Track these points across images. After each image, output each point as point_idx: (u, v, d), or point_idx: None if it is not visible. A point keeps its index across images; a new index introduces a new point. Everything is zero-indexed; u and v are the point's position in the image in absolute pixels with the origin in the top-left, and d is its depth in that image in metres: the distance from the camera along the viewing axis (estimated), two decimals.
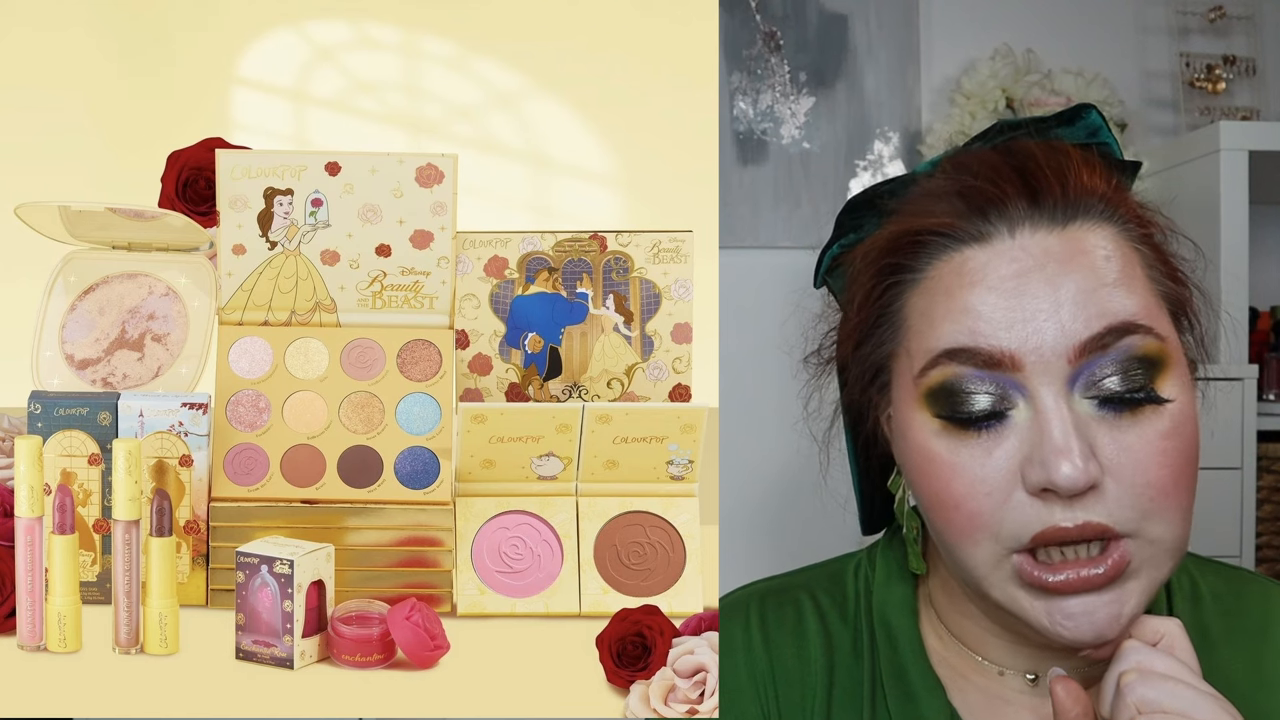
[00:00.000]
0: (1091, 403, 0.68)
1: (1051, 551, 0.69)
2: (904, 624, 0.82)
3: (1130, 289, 0.69)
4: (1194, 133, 1.88)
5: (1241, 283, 1.71)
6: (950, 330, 0.70)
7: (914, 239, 0.74)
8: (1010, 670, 0.79)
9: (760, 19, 2.05)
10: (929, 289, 0.73)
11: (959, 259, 0.71)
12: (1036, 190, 0.71)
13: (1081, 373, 0.68)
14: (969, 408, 0.69)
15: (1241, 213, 1.72)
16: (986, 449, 0.69)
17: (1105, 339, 0.68)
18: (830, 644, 0.84)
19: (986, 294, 0.69)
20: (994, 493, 0.69)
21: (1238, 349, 1.72)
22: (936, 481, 0.71)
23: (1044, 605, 0.69)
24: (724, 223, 2.02)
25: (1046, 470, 0.66)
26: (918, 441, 0.73)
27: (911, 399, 0.73)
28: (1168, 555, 0.70)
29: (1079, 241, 0.70)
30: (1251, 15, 2.06)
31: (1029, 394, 0.68)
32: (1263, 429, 1.70)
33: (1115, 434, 0.68)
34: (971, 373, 0.69)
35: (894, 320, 0.75)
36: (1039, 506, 0.68)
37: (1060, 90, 1.95)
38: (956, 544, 0.72)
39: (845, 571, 0.87)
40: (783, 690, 0.83)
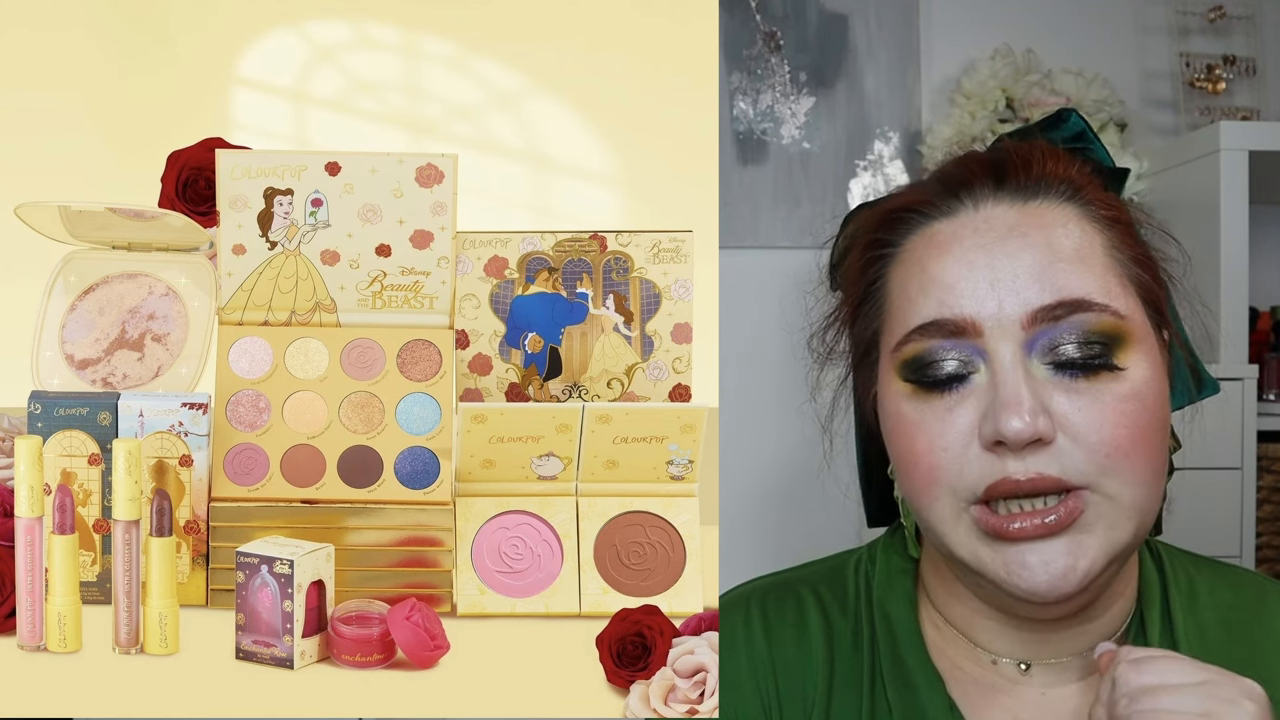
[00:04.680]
0: (1048, 368, 0.72)
1: (1009, 504, 0.72)
2: (904, 617, 0.83)
3: (1088, 266, 0.73)
4: (1194, 133, 1.88)
5: (1241, 283, 1.71)
6: (923, 305, 0.75)
7: (894, 216, 0.79)
8: (1003, 659, 0.80)
9: (760, 19, 2.05)
10: (905, 261, 0.78)
11: (929, 231, 0.77)
12: (1003, 172, 0.77)
13: (1038, 339, 0.72)
14: (934, 372, 0.74)
15: (1241, 213, 1.72)
16: (948, 408, 0.73)
17: (1057, 311, 0.72)
18: (831, 636, 0.85)
19: (953, 264, 0.74)
20: (950, 448, 0.73)
21: (1238, 349, 1.72)
22: (903, 441, 0.76)
23: (1001, 556, 0.72)
24: (724, 223, 2.02)
25: (996, 422, 0.70)
26: (891, 408, 0.77)
27: (890, 370, 0.77)
28: (1126, 516, 0.72)
29: (1039, 217, 0.75)
30: (1251, 15, 2.06)
31: (988, 357, 0.73)
32: (1263, 429, 1.70)
33: (1071, 396, 0.71)
34: (939, 343, 0.74)
35: (878, 297, 0.80)
36: (992, 460, 0.71)
37: (1060, 90, 1.94)
38: (919, 500, 0.75)
39: (846, 567, 0.89)
40: (783, 682, 0.84)
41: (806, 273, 0.88)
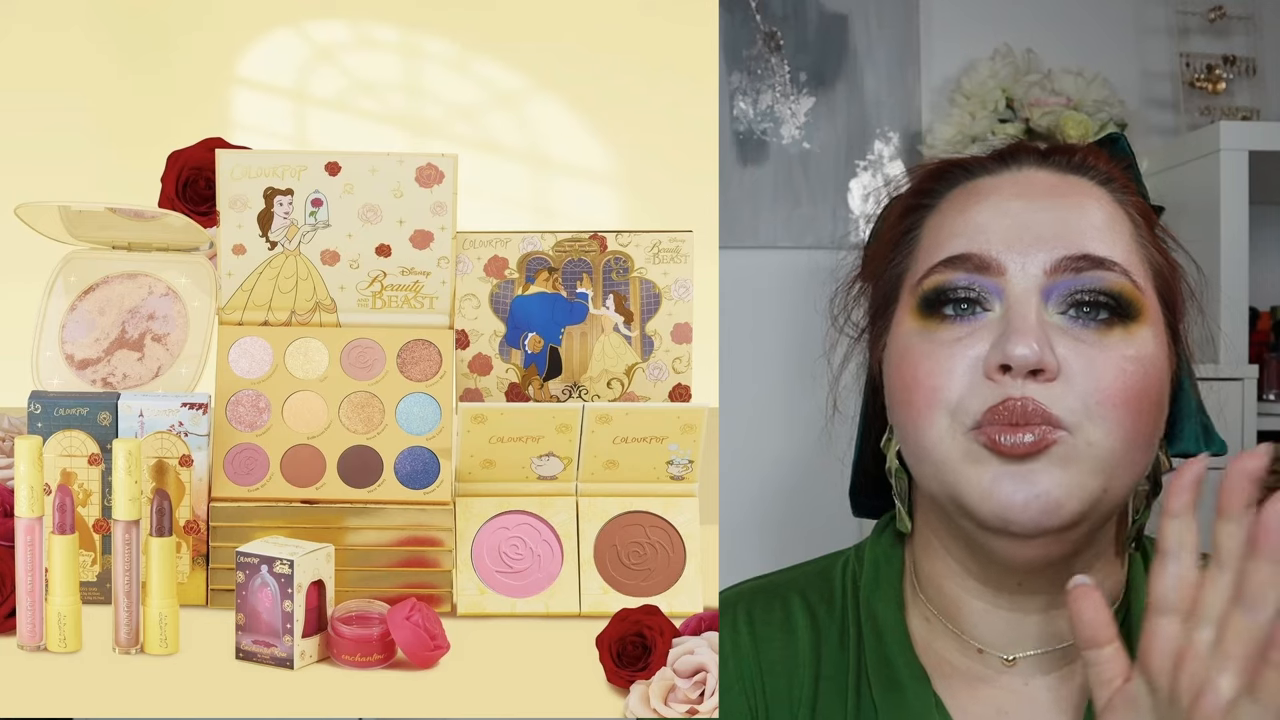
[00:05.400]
0: (1061, 316, 0.75)
1: (1002, 433, 0.72)
2: (890, 615, 0.84)
3: (1114, 239, 0.77)
4: (1194, 133, 1.88)
5: (1241, 283, 1.71)
6: (952, 243, 0.78)
7: (939, 171, 0.83)
8: (989, 649, 0.81)
9: (760, 19, 2.05)
10: (943, 210, 0.81)
11: (972, 185, 0.81)
12: (1049, 149, 0.82)
13: (1056, 288, 0.75)
14: (950, 297, 0.76)
15: (1241, 213, 1.72)
16: (957, 338, 0.75)
17: (1080, 264, 0.75)
18: (818, 636, 0.85)
19: (988, 209, 0.78)
20: (954, 372, 0.75)
21: (1238, 349, 1.72)
22: (908, 369, 0.77)
23: (988, 475, 0.73)
24: (724, 223, 2.02)
25: (1004, 348, 0.72)
26: (901, 345, 0.79)
27: (907, 308, 0.79)
28: (1099, 465, 0.73)
29: (1077, 186, 0.79)
30: (1251, 15, 2.06)
31: (1005, 296, 0.75)
32: (1263, 429, 1.69)
33: (1079, 345, 0.74)
34: (961, 275, 0.76)
35: (910, 244, 0.83)
36: (993, 386, 0.73)
37: (1060, 90, 1.94)
38: (916, 423, 0.76)
39: (833, 568, 0.89)
40: (769, 684, 0.84)
41: (807, 273, 0.88)
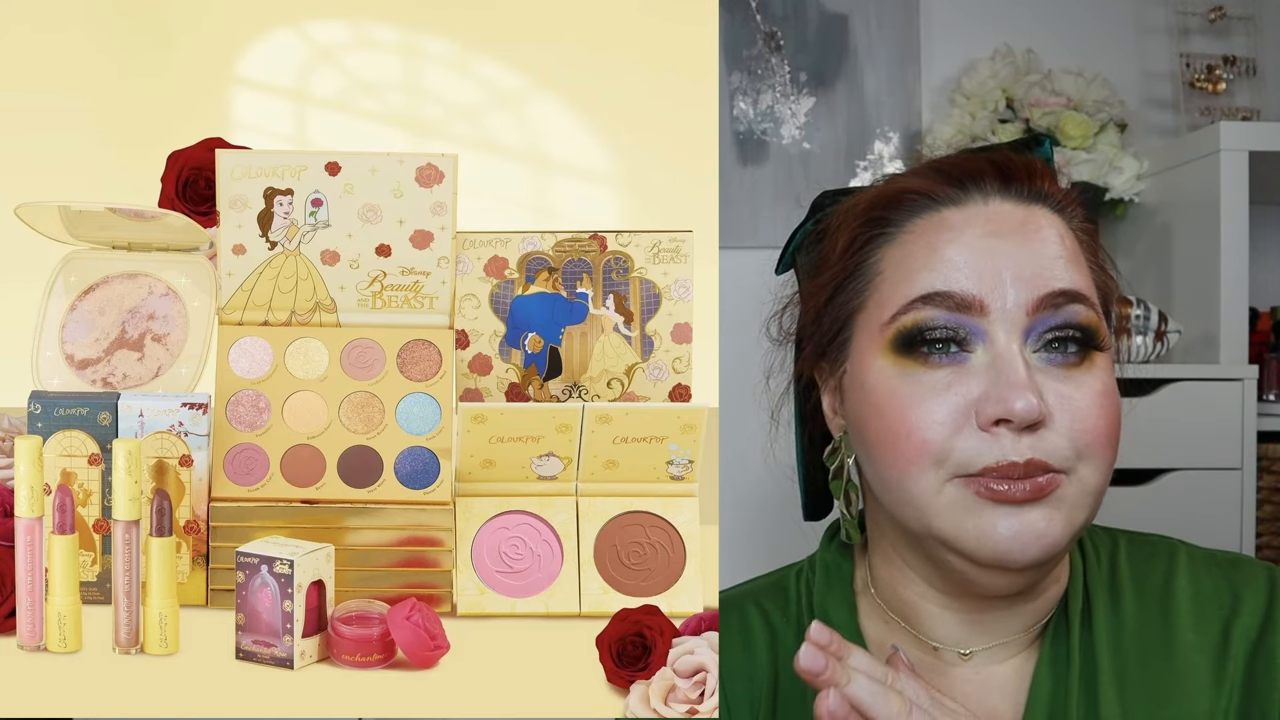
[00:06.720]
0: (1037, 355, 0.76)
1: (1000, 484, 0.74)
2: (843, 619, 0.86)
3: (1078, 268, 0.78)
4: (1194, 133, 1.87)
5: (1241, 283, 1.71)
6: (928, 278, 0.77)
7: (897, 197, 0.81)
8: (945, 646, 0.83)
9: (760, 19, 2.05)
10: (907, 242, 0.80)
11: (938, 217, 0.79)
12: (1008, 174, 0.81)
13: (1035, 327, 0.75)
14: (934, 338, 0.76)
15: (1241, 213, 1.71)
16: (946, 383, 0.75)
17: (1058, 300, 0.76)
18: (775, 640, 0.88)
19: (963, 249, 0.77)
20: (946, 423, 0.75)
21: (1238, 349, 1.72)
22: (891, 415, 0.77)
23: (984, 521, 0.74)
24: (724, 223, 2.02)
25: (1005, 403, 0.73)
26: (876, 384, 0.78)
27: (875, 347, 0.79)
28: (1088, 501, 0.76)
29: (1039, 219, 0.79)
30: (1251, 15, 2.05)
31: (989, 340, 0.75)
32: (1263, 429, 1.69)
33: (1057, 384, 0.75)
34: (942, 315, 0.76)
35: (867, 273, 0.81)
36: (989, 440, 0.74)
37: (1060, 90, 1.94)
38: (901, 474, 0.76)
39: (788, 578, 0.92)
40: (730, 687, 0.87)
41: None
